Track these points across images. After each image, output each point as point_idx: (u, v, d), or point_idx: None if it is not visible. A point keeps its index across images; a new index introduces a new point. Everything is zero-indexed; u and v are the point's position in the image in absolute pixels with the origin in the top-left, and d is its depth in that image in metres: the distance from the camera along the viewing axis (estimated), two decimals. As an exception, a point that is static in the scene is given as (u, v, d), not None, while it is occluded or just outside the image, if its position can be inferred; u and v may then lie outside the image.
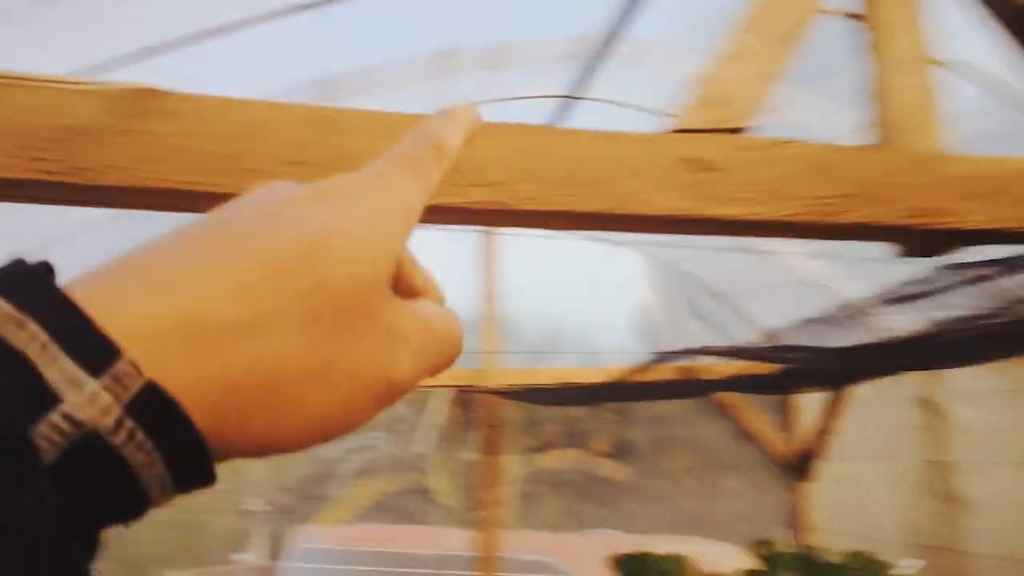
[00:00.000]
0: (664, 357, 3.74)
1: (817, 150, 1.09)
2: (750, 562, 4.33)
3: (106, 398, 0.19)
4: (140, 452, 0.20)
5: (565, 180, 1.01)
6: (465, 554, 5.59)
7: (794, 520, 5.30)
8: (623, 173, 1.02)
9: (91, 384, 0.19)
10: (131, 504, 0.21)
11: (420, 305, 0.28)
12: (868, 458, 4.70)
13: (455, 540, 5.62)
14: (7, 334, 0.19)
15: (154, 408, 0.20)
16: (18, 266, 0.21)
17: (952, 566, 4.05)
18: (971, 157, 1.15)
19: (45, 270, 0.21)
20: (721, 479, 7.18)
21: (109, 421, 0.19)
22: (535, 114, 3.05)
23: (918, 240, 1.17)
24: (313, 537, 8.32)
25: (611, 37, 2.61)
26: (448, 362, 0.29)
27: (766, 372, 3.97)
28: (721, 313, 4.77)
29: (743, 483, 6.01)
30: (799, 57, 1.10)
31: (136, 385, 0.20)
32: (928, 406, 4.13)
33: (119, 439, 0.20)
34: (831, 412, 4.48)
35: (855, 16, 1.28)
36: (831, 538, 4.92)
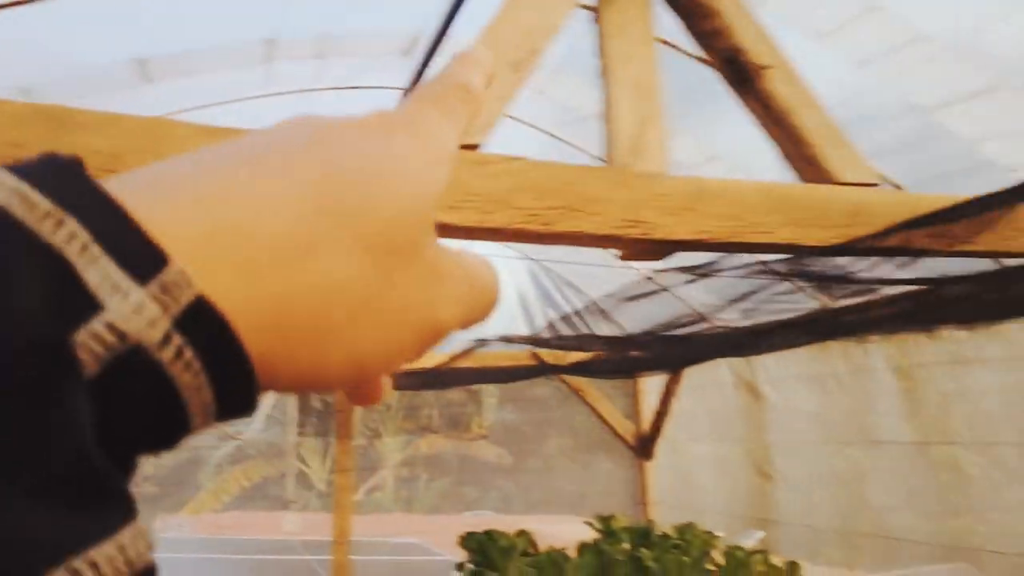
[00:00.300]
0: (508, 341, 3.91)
1: (539, 167, 1.23)
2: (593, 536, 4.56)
3: (153, 309, 0.18)
4: (187, 373, 0.18)
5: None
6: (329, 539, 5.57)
7: (642, 496, 5.65)
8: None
9: (137, 292, 0.17)
10: (171, 429, 0.20)
11: (460, 254, 0.28)
12: (699, 439, 5.09)
13: (327, 525, 5.61)
14: (43, 231, 0.17)
15: (204, 326, 0.19)
16: (52, 159, 0.19)
17: (769, 535, 4.46)
18: (675, 177, 1.32)
19: (80, 165, 0.19)
20: (595, 460, 7.47)
21: (156, 335, 0.18)
22: (370, 106, 3.11)
23: (634, 247, 1.34)
24: (176, 526, 8.07)
25: (444, 31, 2.70)
26: (485, 312, 0.29)
27: (610, 357, 4.23)
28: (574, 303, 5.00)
29: (615, 464, 6.29)
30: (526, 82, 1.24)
31: (186, 298, 0.18)
32: (749, 390, 4.52)
33: (166, 356, 0.18)
34: (667, 395, 4.82)
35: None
36: (671, 512, 5.29)
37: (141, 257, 0.18)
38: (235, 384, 0.20)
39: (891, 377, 3.57)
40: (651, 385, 5.30)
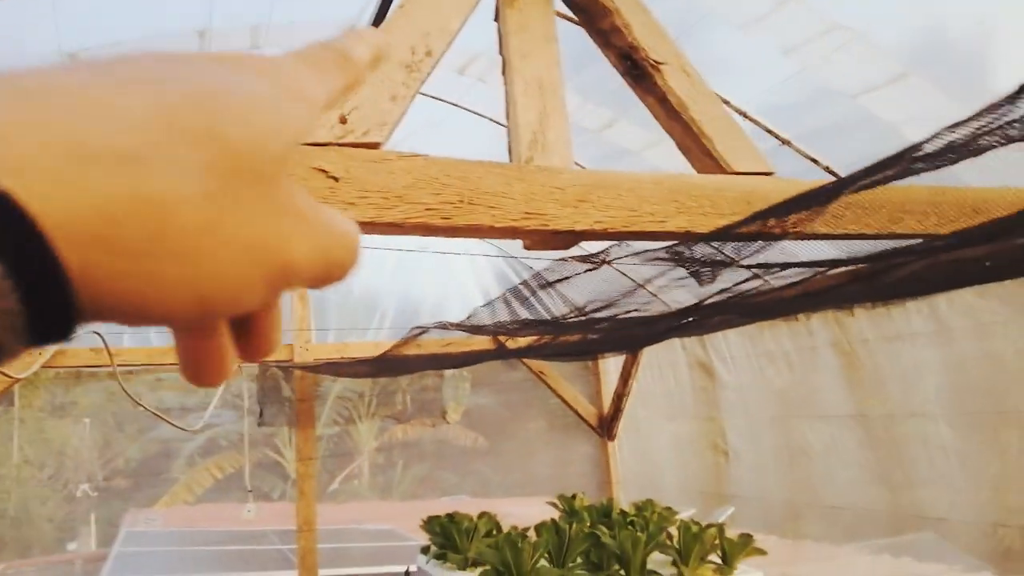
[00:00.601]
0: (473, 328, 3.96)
1: (437, 163, 1.29)
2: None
3: None
4: None
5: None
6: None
7: (606, 476, 5.77)
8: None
9: None
10: None
11: (324, 206, 0.26)
12: (658, 417, 5.20)
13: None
14: None
15: (9, 223, 0.17)
16: None
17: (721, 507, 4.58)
18: (572, 171, 1.39)
19: None
20: (570, 441, 7.57)
21: None
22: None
23: (535, 237, 1.40)
24: (148, 520, 8.08)
25: (379, 19, 2.73)
26: (342, 268, 0.27)
27: (568, 340, 4.31)
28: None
29: (591, 445, 6.37)
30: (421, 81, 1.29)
31: None
32: (702, 369, 4.64)
33: None
34: (626, 376, 4.92)
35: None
36: (637, 491, 5.42)
37: None
38: (47, 293, 0.18)
39: (832, 353, 3.69)
40: (611, 366, 5.40)
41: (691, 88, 1.50)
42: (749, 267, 1.36)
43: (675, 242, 1.28)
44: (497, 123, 3.78)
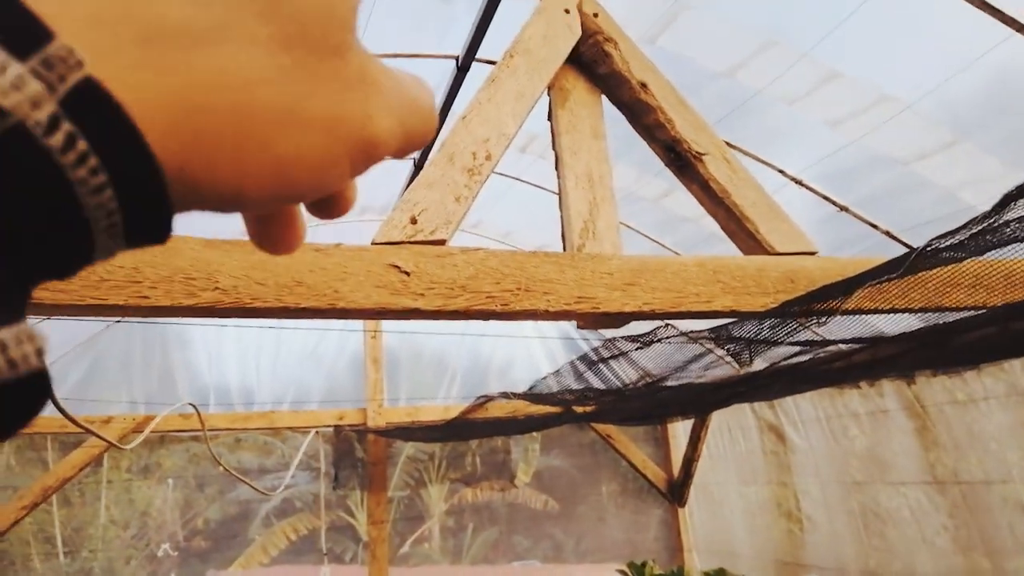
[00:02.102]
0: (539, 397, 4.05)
1: (496, 255, 1.43)
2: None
3: (35, 85, 0.15)
4: (82, 168, 0.16)
5: (291, 283, 1.31)
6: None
7: (677, 541, 5.66)
8: (337, 276, 1.33)
9: (15, 66, 0.15)
10: (70, 245, 0.17)
11: (393, 68, 0.25)
12: (729, 482, 5.11)
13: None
14: None
15: (98, 113, 0.16)
16: None
17: (801, 579, 4.44)
18: (620, 256, 1.50)
19: None
20: (644, 506, 7.47)
21: (40, 115, 0.15)
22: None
23: (588, 318, 1.51)
24: (226, 580, 8.27)
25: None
26: (423, 134, 0.26)
27: (634, 404, 4.34)
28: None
29: (664, 509, 6.29)
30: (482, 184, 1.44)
31: (74, 77, 0.16)
32: (773, 432, 4.57)
33: (55, 143, 0.15)
34: (695, 440, 4.88)
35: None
36: (709, 557, 5.29)
37: (20, 31, 0.15)
38: (143, 190, 0.18)
39: (904, 417, 3.61)
40: (680, 429, 5.37)
41: (732, 175, 1.61)
42: (796, 343, 1.43)
43: (726, 321, 1.37)
44: (555, 193, 3.94)
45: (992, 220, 0.99)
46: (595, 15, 1.65)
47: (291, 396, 5.03)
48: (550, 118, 1.62)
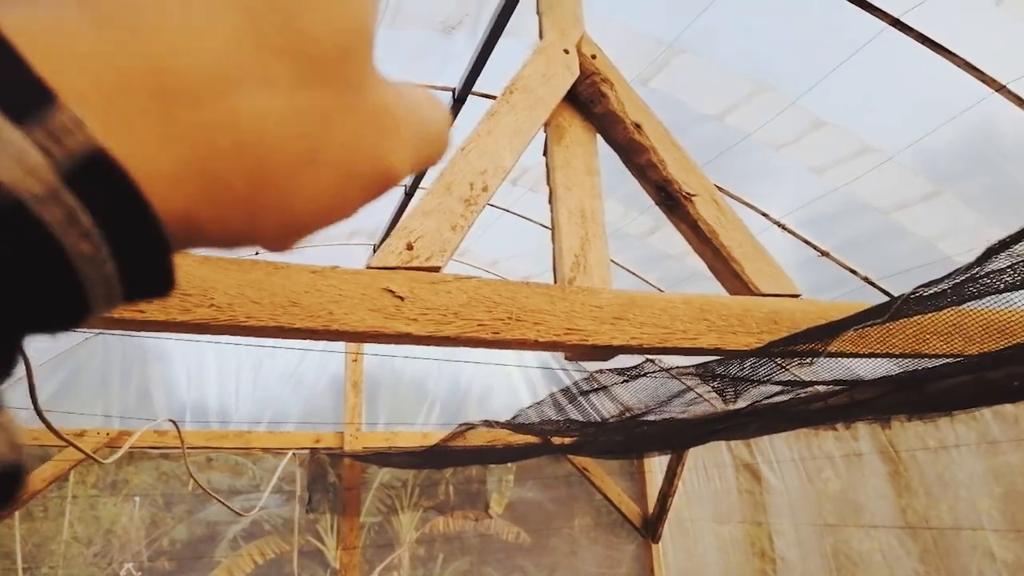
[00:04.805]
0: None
1: (489, 284, 1.45)
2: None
3: (35, 156, 0.14)
4: (84, 241, 0.15)
5: (286, 303, 1.33)
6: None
7: (651, 577, 5.63)
8: (332, 298, 1.35)
9: (12, 134, 0.14)
10: (64, 310, 0.17)
11: (406, 88, 0.24)
12: (704, 519, 5.12)
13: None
14: None
15: (104, 184, 0.15)
16: None
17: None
18: (610, 291, 1.53)
19: None
20: (617, 540, 7.44)
21: (38, 189, 0.14)
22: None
23: (576, 350, 1.54)
24: (190, 603, 8.07)
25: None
26: (436, 155, 0.26)
27: (613, 438, 4.35)
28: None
29: (638, 544, 6.26)
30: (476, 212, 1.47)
31: (77, 146, 0.15)
32: (749, 471, 4.59)
33: (54, 217, 0.15)
34: (671, 476, 4.90)
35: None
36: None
37: (21, 94, 0.14)
38: (146, 257, 0.17)
39: (878, 460, 3.65)
40: (656, 465, 5.38)
41: (720, 217, 1.65)
42: (779, 383, 1.46)
43: (711, 359, 1.40)
44: (543, 226, 4.00)
45: (975, 271, 1.03)
46: (593, 56, 1.70)
47: (269, 416, 4.99)
48: (546, 153, 1.66)
